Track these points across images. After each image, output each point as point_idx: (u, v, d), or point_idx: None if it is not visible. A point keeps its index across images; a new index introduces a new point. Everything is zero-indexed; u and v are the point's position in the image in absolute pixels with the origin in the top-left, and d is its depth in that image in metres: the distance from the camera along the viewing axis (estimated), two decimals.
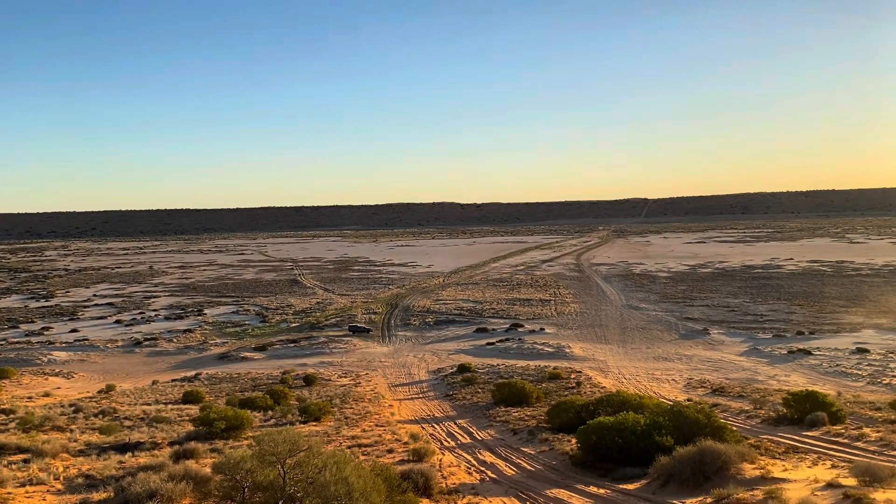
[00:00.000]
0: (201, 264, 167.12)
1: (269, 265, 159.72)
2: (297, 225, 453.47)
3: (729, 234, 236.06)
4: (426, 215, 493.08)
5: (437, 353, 59.39)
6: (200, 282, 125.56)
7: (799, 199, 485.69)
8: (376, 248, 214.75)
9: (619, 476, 19.14)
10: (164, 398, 41.61)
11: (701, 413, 21.72)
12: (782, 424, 27.61)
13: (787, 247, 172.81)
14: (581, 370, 48.50)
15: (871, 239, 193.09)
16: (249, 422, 28.05)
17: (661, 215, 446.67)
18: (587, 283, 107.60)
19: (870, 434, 24.42)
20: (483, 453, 24.89)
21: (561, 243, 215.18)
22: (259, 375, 50.75)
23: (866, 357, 52.12)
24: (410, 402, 40.72)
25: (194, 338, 69.96)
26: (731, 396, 38.04)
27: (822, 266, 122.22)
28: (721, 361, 53.34)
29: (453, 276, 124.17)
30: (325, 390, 43.18)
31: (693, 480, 16.77)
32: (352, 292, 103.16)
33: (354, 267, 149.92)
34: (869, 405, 33.40)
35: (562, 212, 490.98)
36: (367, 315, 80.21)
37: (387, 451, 24.01)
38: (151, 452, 23.44)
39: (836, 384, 43.67)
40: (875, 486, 14.47)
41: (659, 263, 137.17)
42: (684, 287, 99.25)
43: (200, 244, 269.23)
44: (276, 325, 76.94)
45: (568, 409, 28.01)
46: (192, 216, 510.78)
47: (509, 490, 18.55)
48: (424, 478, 17.46)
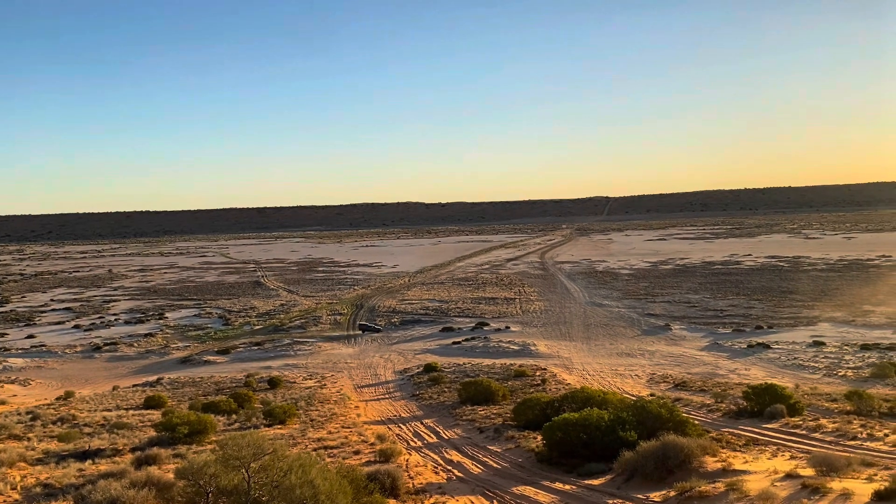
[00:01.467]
0: (162, 267, 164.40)
1: (232, 267, 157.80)
2: (260, 226, 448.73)
3: (689, 232, 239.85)
4: (391, 215, 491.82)
5: (404, 354, 59.29)
6: (161, 285, 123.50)
7: (756, 196, 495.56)
8: (341, 249, 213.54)
9: (584, 472, 19.31)
10: (125, 404, 40.83)
11: (664, 408, 22.03)
12: (743, 417, 28.18)
13: (746, 243, 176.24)
14: (546, 367, 48.85)
15: (826, 234, 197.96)
16: (213, 426, 27.68)
17: (622, 213, 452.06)
18: (551, 281, 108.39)
19: (826, 425, 25.05)
20: (450, 452, 24.92)
21: (525, 242, 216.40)
22: (222, 379, 50.11)
23: (822, 350, 53.40)
24: (377, 402, 40.59)
25: (156, 342, 68.79)
26: (692, 391, 38.66)
27: (779, 261, 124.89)
28: (683, 356, 54.18)
29: (419, 275, 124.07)
30: (290, 393, 42.82)
31: (657, 474, 17.00)
32: (316, 293, 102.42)
33: (318, 268, 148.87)
34: (825, 396, 34.26)
35: (526, 211, 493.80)
36: (333, 316, 79.72)
37: (353, 452, 23.91)
38: (112, 459, 23.00)
39: (794, 377, 44.67)
40: (832, 476, 14.85)
41: (621, 261, 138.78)
42: (646, 284, 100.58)
43: (161, 247, 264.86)
44: (239, 328, 76.03)
45: (533, 406, 28.20)
46: (151, 218, 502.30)
47: (476, 488, 18.60)
48: (391, 478, 17.42)
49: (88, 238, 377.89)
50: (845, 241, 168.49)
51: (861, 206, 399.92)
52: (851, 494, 13.04)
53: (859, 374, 44.43)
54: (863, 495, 12.86)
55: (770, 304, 77.53)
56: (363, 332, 70.30)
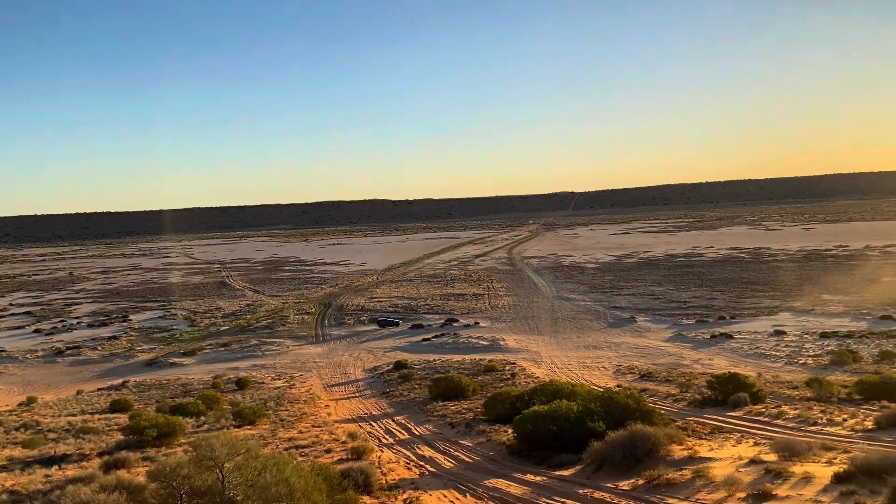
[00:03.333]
0: (125, 269, 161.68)
1: (196, 268, 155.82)
2: (224, 226, 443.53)
3: (652, 225, 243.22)
4: (357, 213, 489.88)
5: (373, 352, 59.23)
6: (124, 287, 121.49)
7: (717, 190, 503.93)
8: (307, 248, 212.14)
9: (554, 463, 19.59)
10: (91, 408, 40.20)
11: (630, 398, 22.43)
12: (707, 406, 28.79)
13: (708, 235, 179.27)
14: (515, 362, 49.25)
15: (785, 226, 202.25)
16: (182, 428, 27.44)
17: (587, 208, 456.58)
18: (519, 276, 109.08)
19: (788, 412, 25.74)
20: (422, 448, 25.04)
21: (493, 238, 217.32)
22: (190, 381, 49.59)
23: (783, 339, 54.66)
24: (347, 401, 40.54)
25: (120, 345, 67.71)
26: (658, 381, 39.33)
27: (741, 253, 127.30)
28: (648, 348, 55.02)
29: (387, 273, 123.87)
30: (259, 393, 42.55)
31: (625, 463, 17.33)
32: (283, 293, 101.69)
33: (285, 267, 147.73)
34: (787, 384, 35.13)
35: (493, 207, 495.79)
36: (300, 315, 79.25)
37: (325, 451, 23.89)
38: (80, 464, 22.69)
39: (757, 365, 45.66)
40: (794, 460, 15.32)
41: (587, 255, 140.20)
42: (611, 277, 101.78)
43: (123, 248, 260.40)
44: (205, 329, 75.18)
45: (503, 400, 28.45)
46: (113, 219, 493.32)
47: (448, 483, 18.76)
48: (364, 475, 17.49)
49: (48, 240, 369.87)
50: (804, 233, 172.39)
51: (819, 197, 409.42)
52: (812, 477, 13.48)
53: (819, 361, 45.58)
54: (823, 478, 13.31)
55: (732, 295, 79.04)
56: (381, 326, 69.89)
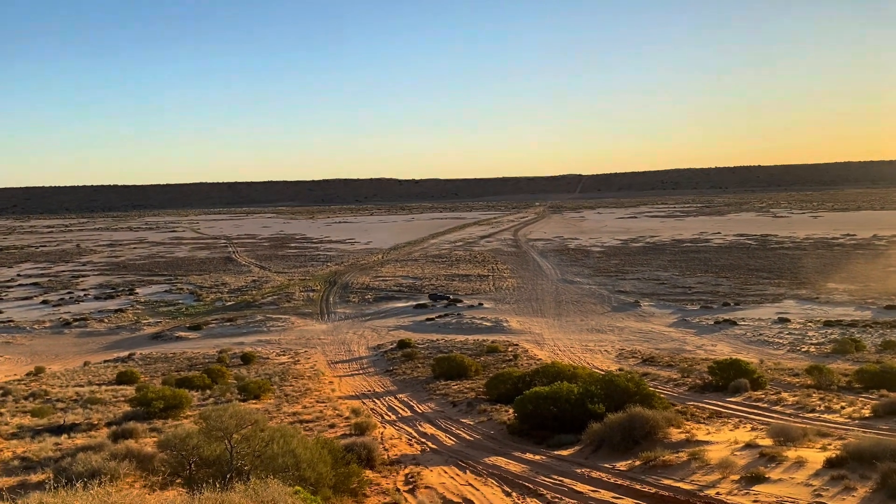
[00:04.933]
0: (131, 242, 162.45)
1: (202, 243, 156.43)
2: (231, 201, 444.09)
3: (660, 210, 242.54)
4: (364, 191, 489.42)
5: (377, 330, 59.68)
6: (131, 260, 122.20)
7: (727, 176, 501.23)
8: (313, 225, 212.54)
9: (554, 443, 19.92)
10: (97, 379, 40.77)
11: (631, 381, 22.70)
12: (708, 391, 29.08)
13: (715, 221, 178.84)
14: (518, 343, 49.60)
15: (793, 213, 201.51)
16: (188, 401, 27.88)
17: (595, 191, 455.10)
18: (524, 258, 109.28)
19: (787, 398, 26.00)
20: (424, 425, 25.42)
21: (499, 219, 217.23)
22: (195, 355, 50.14)
23: (787, 326, 54.84)
24: (351, 378, 41.00)
25: (126, 317, 68.35)
26: (660, 366, 39.63)
27: (747, 239, 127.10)
28: (651, 332, 55.30)
29: (392, 252, 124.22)
30: (264, 368, 43.04)
31: (623, 445, 17.64)
32: (288, 270, 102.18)
33: (291, 244, 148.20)
34: (788, 371, 35.37)
35: (499, 188, 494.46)
36: (306, 292, 79.73)
37: (328, 426, 24.27)
38: (88, 434, 23.14)
39: (759, 352, 45.91)
40: (788, 445, 15.58)
41: (593, 238, 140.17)
42: (617, 261, 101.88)
43: (130, 221, 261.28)
44: (210, 304, 75.77)
45: (505, 380, 28.78)
46: (120, 192, 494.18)
47: (449, 459, 19.10)
48: (367, 450, 17.84)
49: (55, 212, 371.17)
50: (812, 220, 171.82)
51: (828, 185, 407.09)
52: (805, 462, 13.74)
53: (821, 349, 45.79)
54: (815, 463, 13.57)
55: (737, 282, 79.12)
56: (434, 300, 70.66)
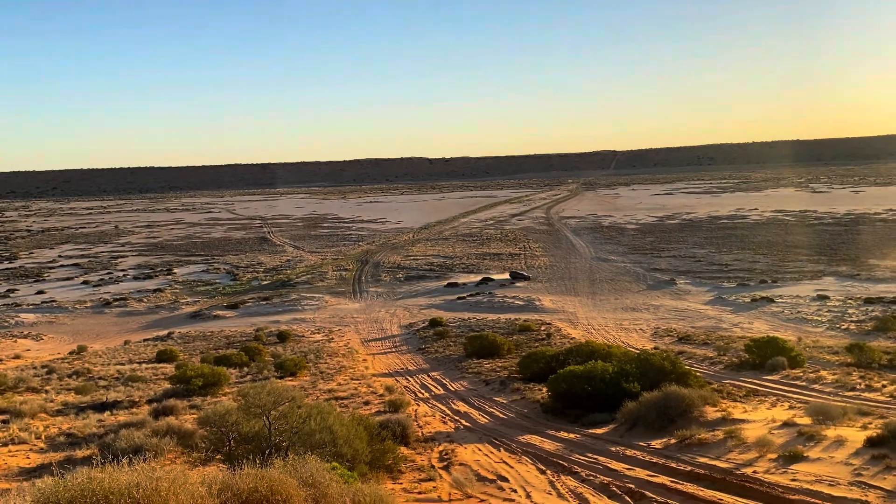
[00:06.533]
0: (168, 223, 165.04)
1: (238, 223, 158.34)
2: (265, 182, 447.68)
3: (696, 186, 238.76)
4: (395, 171, 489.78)
5: (409, 308, 59.98)
6: (168, 241, 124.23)
7: (764, 150, 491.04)
8: (345, 205, 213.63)
9: (588, 421, 19.91)
10: (138, 358, 41.67)
11: (666, 360, 22.55)
12: (744, 369, 28.76)
13: (752, 197, 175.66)
14: (551, 322, 49.44)
15: (833, 188, 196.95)
16: (226, 378, 28.40)
17: (629, 167, 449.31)
18: (556, 236, 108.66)
19: (826, 377, 25.60)
20: (457, 403, 25.57)
21: (530, 197, 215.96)
22: (232, 333, 50.94)
23: (826, 304, 53.83)
24: (384, 356, 41.35)
25: (164, 297, 69.63)
26: (696, 344, 39.25)
27: (785, 216, 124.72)
28: (687, 311, 54.72)
29: (423, 231, 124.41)
30: (299, 346, 43.60)
31: (658, 423, 17.55)
32: (322, 249, 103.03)
33: (323, 224, 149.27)
34: (827, 349, 34.80)
35: (531, 165, 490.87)
36: (339, 271, 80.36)
37: (363, 403, 24.55)
38: (130, 411, 23.71)
39: (797, 330, 45.19)
40: (827, 424, 15.34)
41: (627, 215, 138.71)
42: (652, 238, 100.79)
43: (166, 203, 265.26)
44: (247, 283, 76.81)
45: (539, 359, 28.75)
46: (156, 174, 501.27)
47: (483, 437, 19.21)
48: (402, 427, 18.02)
49: (93, 194, 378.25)
50: (853, 195, 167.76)
51: (870, 159, 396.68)
52: (845, 441, 13.54)
53: (862, 327, 44.90)
54: (856, 441, 13.36)
55: (775, 259, 77.78)
56: (513, 279, 71.12)
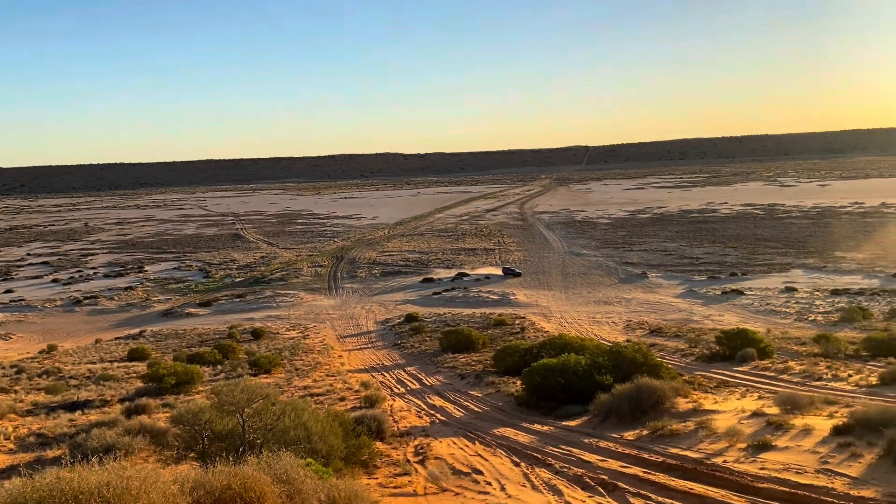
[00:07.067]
0: (139, 220, 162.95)
1: (210, 220, 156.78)
2: (237, 178, 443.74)
3: (667, 180, 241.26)
4: (369, 166, 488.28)
5: (385, 304, 59.95)
6: (139, 238, 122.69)
7: (734, 145, 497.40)
8: (320, 201, 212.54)
9: (562, 414, 20.07)
10: (109, 356, 41.19)
11: (638, 353, 22.78)
12: (715, 361, 29.18)
13: (722, 191, 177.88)
14: (525, 316, 49.76)
15: (801, 182, 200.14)
16: (200, 376, 28.18)
17: (601, 162, 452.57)
18: (530, 231, 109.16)
19: (794, 367, 26.06)
20: (432, 398, 25.64)
21: (504, 192, 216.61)
22: (206, 331, 50.56)
23: (794, 295, 54.80)
24: (359, 352, 41.31)
25: (136, 295, 68.83)
26: (667, 336, 39.75)
27: (755, 209, 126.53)
28: (659, 303, 55.35)
29: (398, 227, 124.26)
30: (274, 343, 43.39)
31: (630, 415, 17.74)
32: (296, 246, 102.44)
33: (298, 220, 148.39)
34: (795, 340, 35.44)
35: (505, 161, 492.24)
36: (314, 268, 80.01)
37: (339, 399, 24.51)
38: (102, 410, 23.43)
39: (766, 322, 45.97)
40: (795, 413, 15.63)
41: (599, 210, 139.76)
42: (624, 233, 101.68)
43: (137, 199, 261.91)
44: (220, 281, 76.18)
45: (513, 353, 28.92)
46: (126, 171, 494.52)
47: (458, 430, 19.28)
48: (377, 422, 18.02)
49: (62, 191, 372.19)
50: (819, 189, 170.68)
51: (836, 153, 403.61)
52: (812, 430, 13.81)
53: (829, 318, 45.80)
54: (822, 430, 13.64)
55: (745, 252, 78.94)
56: (505, 274, 71.14)
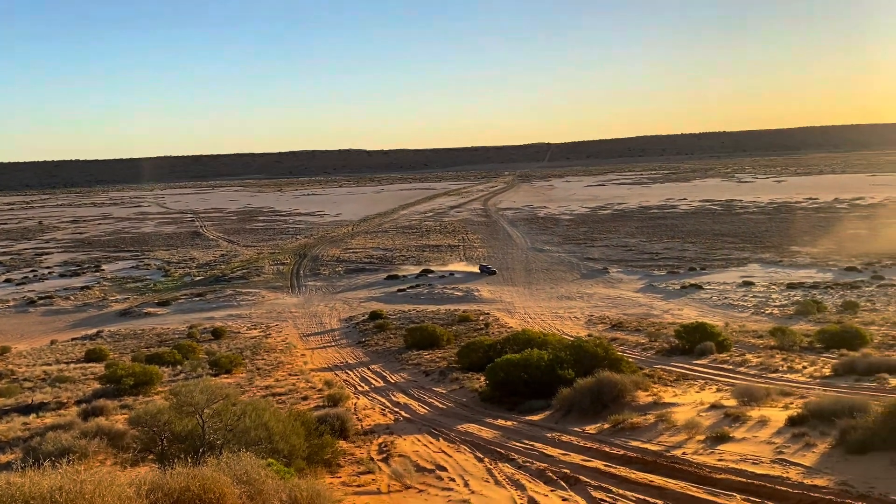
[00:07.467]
0: (95, 218, 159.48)
1: (169, 217, 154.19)
2: (197, 175, 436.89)
3: (627, 177, 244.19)
4: (332, 163, 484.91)
5: (349, 302, 59.66)
6: (96, 236, 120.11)
7: (692, 142, 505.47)
8: (281, 198, 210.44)
9: (525, 409, 20.21)
10: (66, 358, 40.30)
11: (600, 347, 23.05)
12: (675, 354, 29.68)
13: (681, 187, 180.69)
14: (489, 312, 49.99)
15: (758, 178, 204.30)
16: (159, 377, 27.73)
17: (563, 159, 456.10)
18: (494, 227, 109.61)
19: (751, 360, 26.66)
20: (396, 395, 25.61)
21: (468, 189, 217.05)
22: (165, 331, 49.76)
23: (751, 289, 55.97)
24: (323, 350, 41.06)
25: (93, 295, 67.43)
26: (628, 330, 40.29)
27: (713, 205, 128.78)
28: (620, 298, 56.07)
29: (362, 224, 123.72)
30: (235, 343, 42.89)
31: (592, 409, 17.94)
32: (257, 243, 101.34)
33: (259, 217, 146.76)
34: (752, 333, 36.22)
35: (469, 158, 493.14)
36: (276, 266, 79.26)
37: (302, 398, 24.33)
38: (57, 412, 22.92)
39: (725, 315, 46.87)
40: (752, 405, 15.98)
41: (562, 206, 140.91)
42: (585, 229, 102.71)
43: (93, 197, 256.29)
44: (179, 279, 75.01)
45: (477, 349, 29.04)
46: (82, 167, 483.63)
47: (422, 427, 19.29)
48: (340, 421, 17.92)
49: (15, 189, 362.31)
50: (775, 185, 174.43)
51: (791, 150, 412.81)
52: (768, 421, 14.13)
53: (785, 311, 46.88)
54: (778, 421, 13.96)
55: (703, 247, 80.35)
56: (482, 272, 70.31)
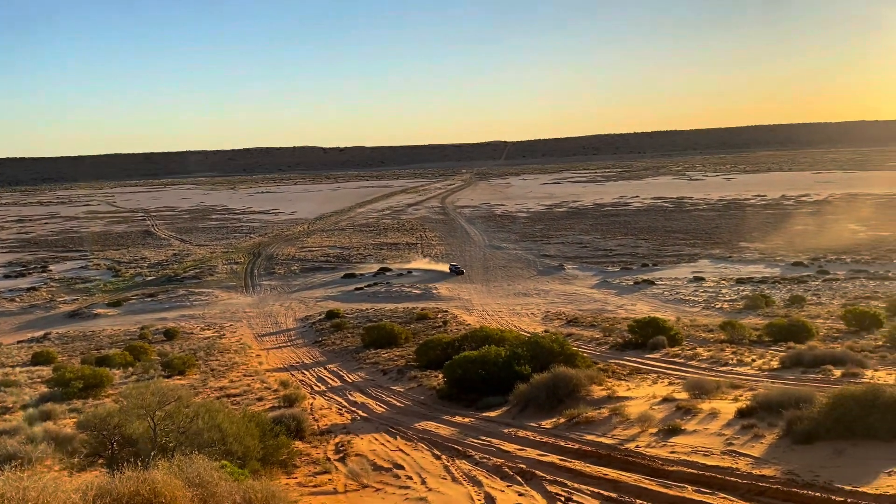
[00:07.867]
0: (42, 217, 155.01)
1: (119, 216, 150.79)
2: (147, 173, 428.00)
3: (582, 175, 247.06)
4: (287, 160, 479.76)
5: (305, 301, 59.16)
6: (42, 236, 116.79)
7: (644, 140, 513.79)
8: (235, 196, 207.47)
9: (482, 405, 20.32)
10: (11, 361, 39.10)
11: (555, 342, 23.31)
12: (628, 349, 30.19)
13: (634, 185, 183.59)
14: (447, 309, 50.12)
15: (708, 176, 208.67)
16: (109, 379, 27.14)
17: (520, 157, 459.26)
18: (452, 225, 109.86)
19: (702, 353, 27.27)
20: (354, 394, 25.50)
21: (426, 187, 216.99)
22: (116, 332, 48.70)
23: (702, 285, 57.21)
24: (278, 350, 40.65)
25: (40, 296, 65.59)
26: (583, 326, 40.83)
27: (664, 202, 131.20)
28: (575, 294, 56.76)
29: (318, 222, 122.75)
30: (188, 344, 42.20)
31: (548, 404, 18.14)
32: (210, 242, 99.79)
33: (212, 216, 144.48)
34: (703, 328, 37.05)
35: (426, 155, 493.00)
36: (229, 265, 78.16)
37: (257, 399, 24.07)
38: (2, 417, 22.26)
39: (676, 310, 47.83)
40: (703, 398, 16.36)
41: (518, 204, 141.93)
42: (541, 226, 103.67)
43: (39, 196, 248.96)
44: (130, 280, 73.43)
45: (435, 346, 29.09)
46: (27, 166, 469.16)
47: (380, 426, 19.25)
48: (296, 421, 17.77)
49: None
50: (725, 182, 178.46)
51: (740, 148, 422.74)
52: (718, 413, 14.48)
53: (734, 306, 48.05)
54: (728, 413, 14.32)
55: (655, 244, 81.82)
56: (452, 272, 69.39)
